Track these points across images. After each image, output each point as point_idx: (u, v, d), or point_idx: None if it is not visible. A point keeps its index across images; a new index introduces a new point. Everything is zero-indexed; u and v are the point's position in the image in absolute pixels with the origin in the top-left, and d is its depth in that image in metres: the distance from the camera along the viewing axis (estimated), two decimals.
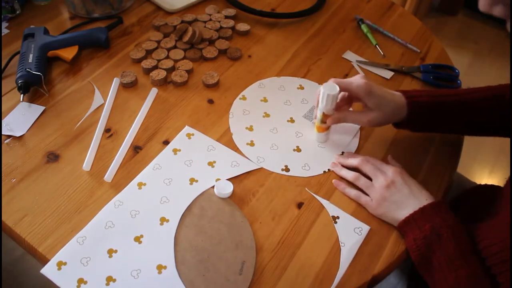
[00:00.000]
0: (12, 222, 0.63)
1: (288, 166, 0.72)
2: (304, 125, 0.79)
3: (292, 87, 0.85)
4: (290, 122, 0.79)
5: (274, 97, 0.83)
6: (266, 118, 0.79)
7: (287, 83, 0.85)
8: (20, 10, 0.97)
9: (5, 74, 0.83)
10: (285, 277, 0.60)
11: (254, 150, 0.74)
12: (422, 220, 0.61)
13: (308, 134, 0.77)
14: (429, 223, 0.59)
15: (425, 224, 0.60)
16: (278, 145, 0.75)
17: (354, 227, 0.65)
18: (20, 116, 0.76)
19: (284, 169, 0.71)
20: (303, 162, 0.73)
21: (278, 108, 0.81)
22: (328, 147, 0.75)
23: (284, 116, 0.80)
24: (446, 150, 0.77)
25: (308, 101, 0.83)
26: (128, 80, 0.82)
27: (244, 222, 0.64)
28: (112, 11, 0.98)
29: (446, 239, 0.58)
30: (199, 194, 0.67)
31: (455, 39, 2.23)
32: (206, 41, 0.92)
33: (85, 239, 0.61)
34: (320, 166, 0.72)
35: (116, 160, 0.70)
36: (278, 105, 0.82)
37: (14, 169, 0.69)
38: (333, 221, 0.66)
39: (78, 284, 0.57)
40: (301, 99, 0.83)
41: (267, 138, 0.76)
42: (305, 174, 0.71)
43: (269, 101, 0.82)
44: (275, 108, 0.81)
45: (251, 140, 0.75)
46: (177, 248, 0.61)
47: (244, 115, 0.79)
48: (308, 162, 0.73)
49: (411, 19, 1.05)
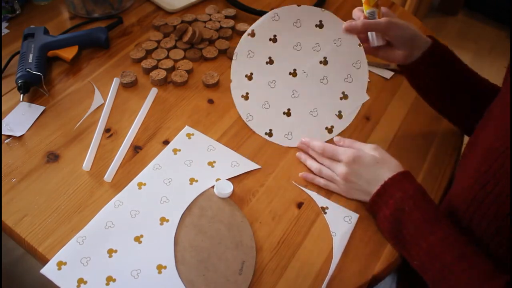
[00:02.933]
0: (12, 222, 0.63)
1: (272, 131, 0.69)
2: (304, 82, 0.72)
3: (310, 24, 0.71)
4: (292, 76, 0.71)
5: (286, 36, 0.72)
6: (268, 66, 0.72)
7: (305, 17, 0.71)
8: (20, 10, 0.97)
9: (5, 74, 0.83)
10: (285, 277, 0.60)
11: (246, 105, 0.70)
12: (386, 196, 0.62)
13: (304, 95, 0.71)
14: (392, 199, 0.60)
15: (388, 200, 0.61)
16: (270, 104, 0.70)
17: (344, 216, 0.66)
18: (20, 116, 0.76)
19: (268, 133, 0.69)
20: (288, 129, 0.69)
21: (285, 54, 0.72)
22: (320, 115, 0.71)
23: (288, 66, 0.72)
24: (446, 150, 0.77)
25: (321, 48, 0.71)
26: (128, 80, 0.82)
27: (244, 222, 0.64)
28: (112, 11, 0.98)
29: (410, 211, 0.59)
30: (199, 194, 0.67)
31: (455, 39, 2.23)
32: (206, 41, 0.92)
33: (85, 239, 0.61)
34: (303, 138, 0.69)
35: (116, 160, 0.70)
36: (286, 49, 0.72)
37: (14, 169, 0.69)
38: (323, 212, 0.66)
39: (78, 284, 0.57)
40: (314, 43, 0.71)
41: (262, 92, 0.71)
42: (285, 144, 0.68)
43: (278, 41, 0.72)
44: (282, 53, 0.72)
45: (246, 93, 0.71)
46: (177, 248, 0.61)
47: (248, 57, 0.72)
48: (292, 130, 0.69)
49: (411, 19, 1.05)
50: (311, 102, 0.73)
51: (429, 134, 0.79)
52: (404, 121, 0.81)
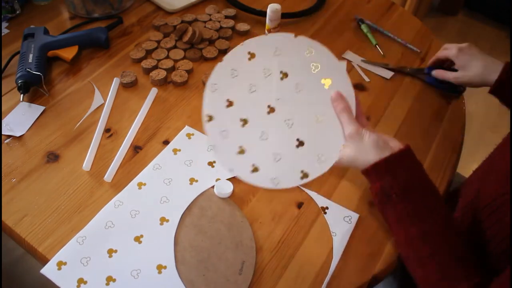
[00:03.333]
0: (12, 222, 0.63)
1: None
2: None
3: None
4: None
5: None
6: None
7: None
8: (20, 10, 0.97)
9: (5, 74, 0.83)
10: (285, 277, 0.60)
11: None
12: (375, 176, 0.58)
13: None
14: (380, 181, 0.57)
15: (375, 182, 0.58)
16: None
17: (344, 216, 0.66)
18: (20, 116, 0.76)
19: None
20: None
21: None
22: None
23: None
24: (446, 150, 0.77)
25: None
26: (128, 80, 0.82)
27: (244, 222, 0.64)
28: (112, 11, 0.98)
29: (395, 200, 0.56)
30: (199, 194, 0.67)
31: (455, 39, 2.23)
32: (206, 41, 0.92)
33: (85, 239, 0.61)
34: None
35: (116, 160, 0.70)
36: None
37: (14, 169, 0.69)
38: (323, 212, 0.66)
39: (78, 284, 0.57)
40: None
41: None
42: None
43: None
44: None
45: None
46: (177, 248, 0.61)
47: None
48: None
49: (411, 19, 1.05)
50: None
51: (429, 134, 0.79)
52: (404, 121, 0.81)
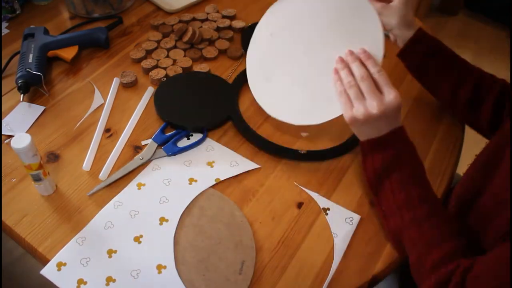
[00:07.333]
0: (12, 222, 0.63)
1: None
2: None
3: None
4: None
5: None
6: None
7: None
8: (20, 10, 0.97)
9: (5, 74, 0.84)
10: (285, 277, 0.60)
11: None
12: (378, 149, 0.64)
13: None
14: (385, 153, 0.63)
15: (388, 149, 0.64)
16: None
17: (345, 217, 0.66)
18: (20, 116, 0.76)
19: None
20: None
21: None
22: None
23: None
24: (446, 150, 0.77)
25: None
26: (128, 80, 0.82)
27: (244, 222, 0.64)
28: (112, 11, 0.98)
29: (406, 162, 0.63)
30: (198, 194, 0.67)
31: (455, 39, 2.23)
32: (206, 41, 0.92)
33: (84, 240, 0.61)
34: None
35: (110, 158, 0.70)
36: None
37: (14, 169, 0.69)
38: (324, 213, 0.66)
39: (78, 284, 0.57)
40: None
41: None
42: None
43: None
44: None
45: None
46: (176, 248, 0.61)
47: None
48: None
49: None
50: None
51: (429, 134, 0.79)
52: (404, 121, 0.81)
